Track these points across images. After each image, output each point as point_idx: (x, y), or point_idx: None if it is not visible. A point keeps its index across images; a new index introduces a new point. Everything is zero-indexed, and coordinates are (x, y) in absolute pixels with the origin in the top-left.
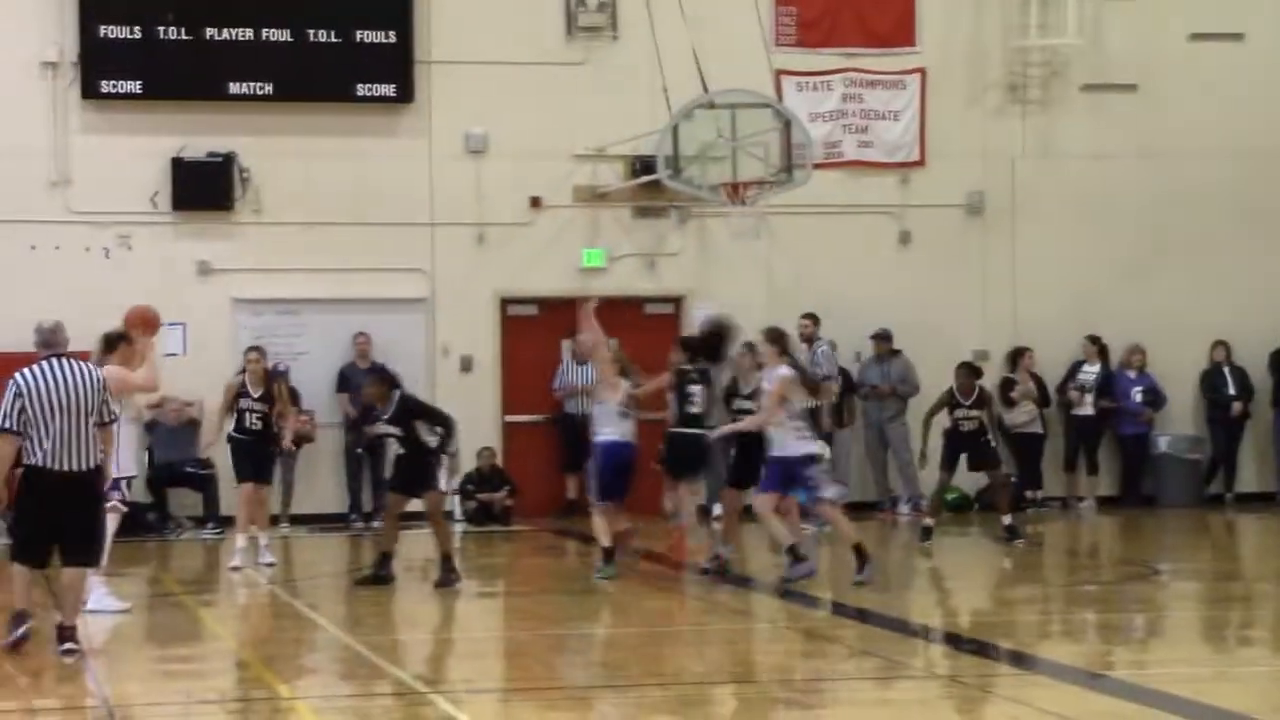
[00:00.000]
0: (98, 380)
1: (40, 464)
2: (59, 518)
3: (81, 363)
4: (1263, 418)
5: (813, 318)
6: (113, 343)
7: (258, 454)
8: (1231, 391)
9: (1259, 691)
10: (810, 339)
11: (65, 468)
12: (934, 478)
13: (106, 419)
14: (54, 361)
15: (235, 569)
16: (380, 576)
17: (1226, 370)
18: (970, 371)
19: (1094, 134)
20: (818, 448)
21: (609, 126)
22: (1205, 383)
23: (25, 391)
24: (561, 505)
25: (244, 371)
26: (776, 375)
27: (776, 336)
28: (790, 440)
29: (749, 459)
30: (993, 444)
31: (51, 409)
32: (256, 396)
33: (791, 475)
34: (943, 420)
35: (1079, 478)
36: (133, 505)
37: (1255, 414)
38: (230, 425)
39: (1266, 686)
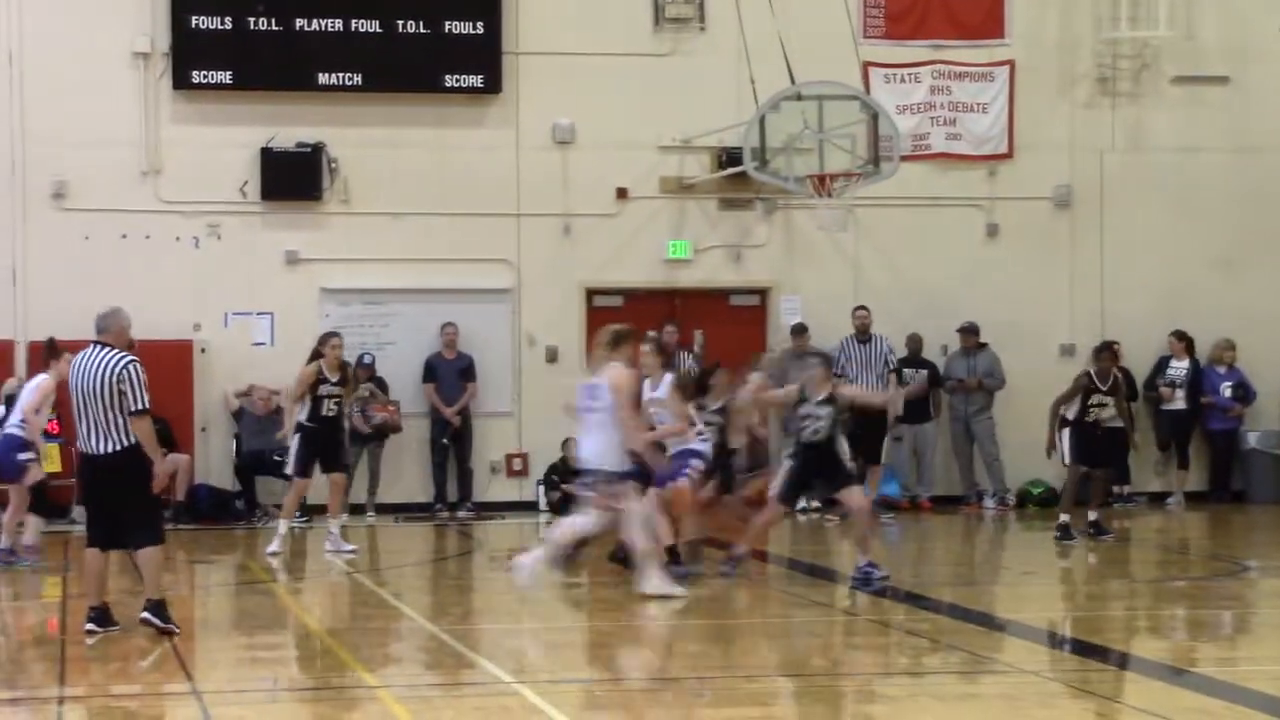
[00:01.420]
0: (114, 369)
1: (79, 448)
2: (100, 500)
3: (108, 350)
4: None
5: (866, 309)
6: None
7: (331, 441)
8: None
9: None
10: (865, 329)
11: (92, 450)
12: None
13: (132, 409)
14: (90, 349)
15: (274, 554)
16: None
17: None
18: (1110, 354)
19: (1184, 127)
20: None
21: (695, 118)
22: None
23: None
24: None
25: (320, 358)
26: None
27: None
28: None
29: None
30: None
31: (80, 395)
32: (334, 382)
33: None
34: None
35: (1169, 473)
36: (220, 493)
37: None
38: (303, 413)
39: None
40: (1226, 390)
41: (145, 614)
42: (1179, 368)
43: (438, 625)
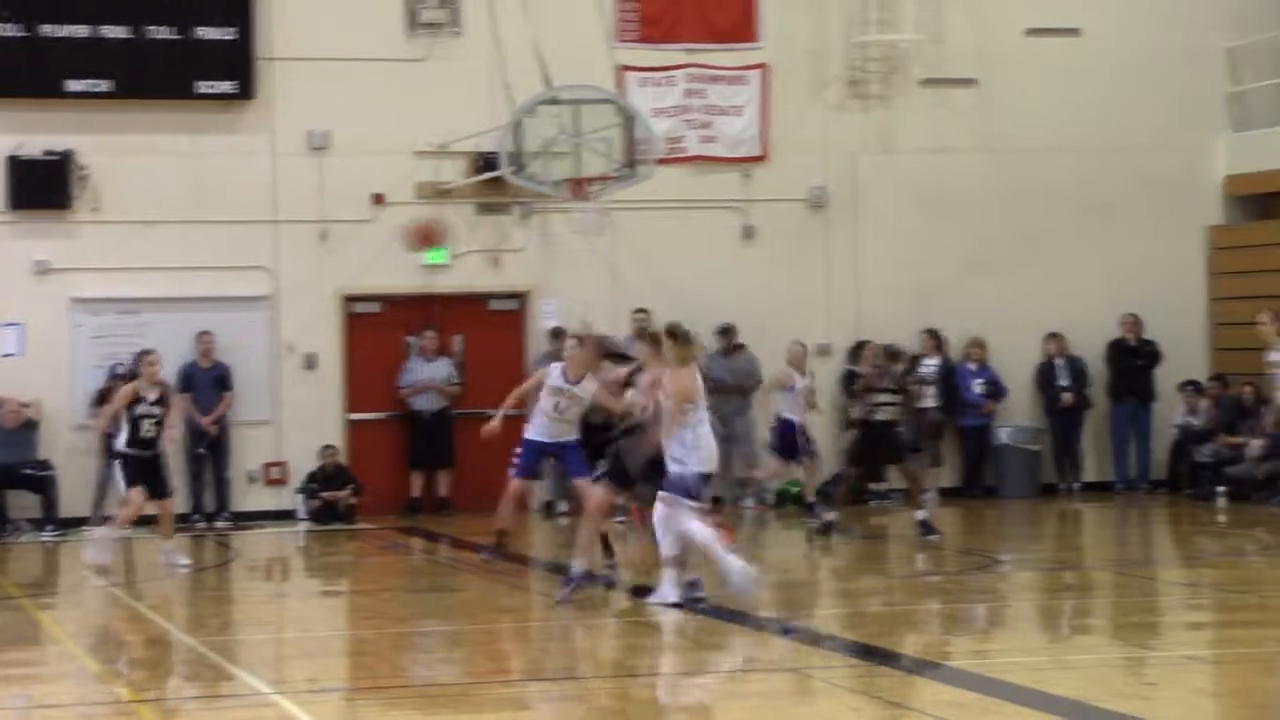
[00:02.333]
0: None
1: None
2: None
3: None
4: (1100, 409)
5: (646, 312)
6: None
7: (155, 466)
8: (1064, 383)
9: (1096, 678)
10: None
11: None
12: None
13: None
14: None
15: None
16: None
17: (1059, 363)
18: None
19: (934, 129)
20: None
21: (452, 123)
22: (1040, 376)
23: None
24: (406, 503)
25: (136, 377)
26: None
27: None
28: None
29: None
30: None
31: None
32: (152, 401)
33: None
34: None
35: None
36: None
37: (1094, 406)
38: (121, 436)
39: (1103, 674)
40: (978, 387)
41: None
42: (930, 365)
43: (196, 637)
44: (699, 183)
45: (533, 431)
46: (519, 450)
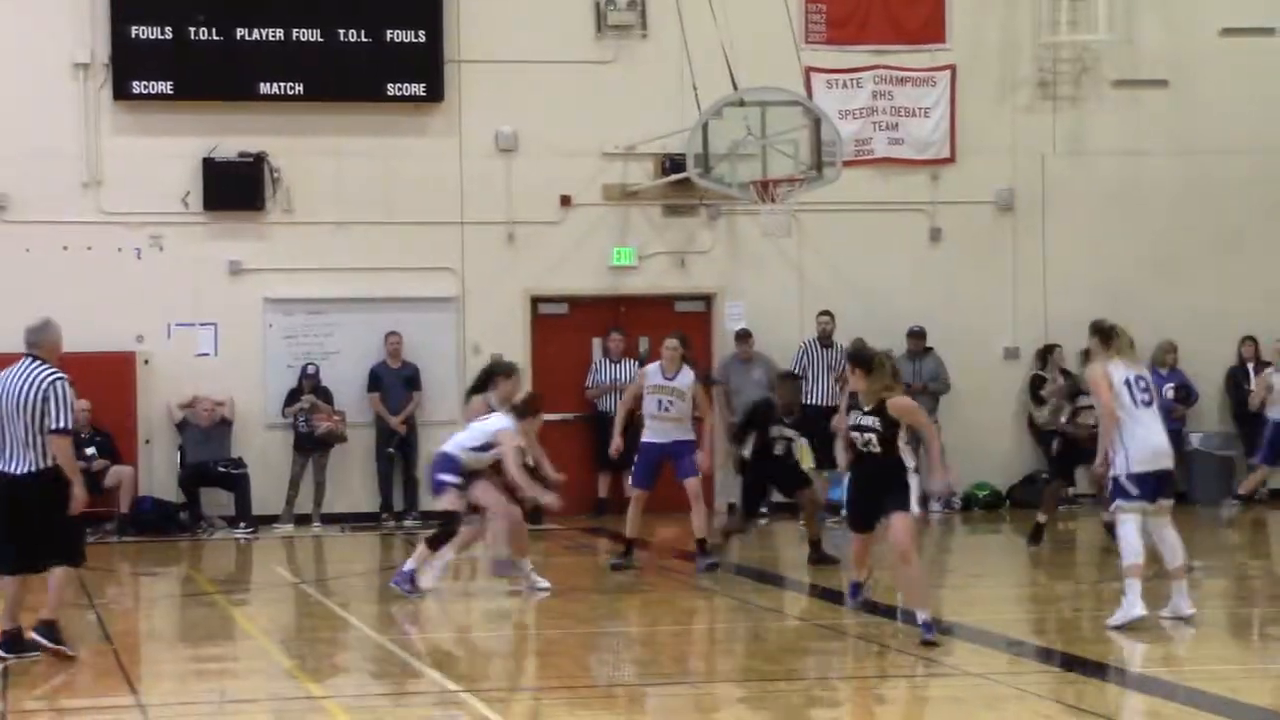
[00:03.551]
0: (37, 386)
1: None
2: (14, 521)
3: (38, 365)
4: None
5: (830, 315)
6: None
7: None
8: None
9: None
10: (828, 335)
11: (9, 470)
12: None
13: (51, 427)
14: (20, 363)
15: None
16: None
17: (1251, 367)
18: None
19: (1125, 130)
20: None
21: (639, 125)
22: (1231, 380)
23: None
24: (594, 504)
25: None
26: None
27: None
28: None
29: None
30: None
31: (4, 410)
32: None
33: None
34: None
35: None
36: (164, 504)
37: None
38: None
39: None
40: (1169, 392)
41: (34, 633)
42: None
43: (385, 635)
44: (886, 185)
45: (647, 435)
46: (636, 458)
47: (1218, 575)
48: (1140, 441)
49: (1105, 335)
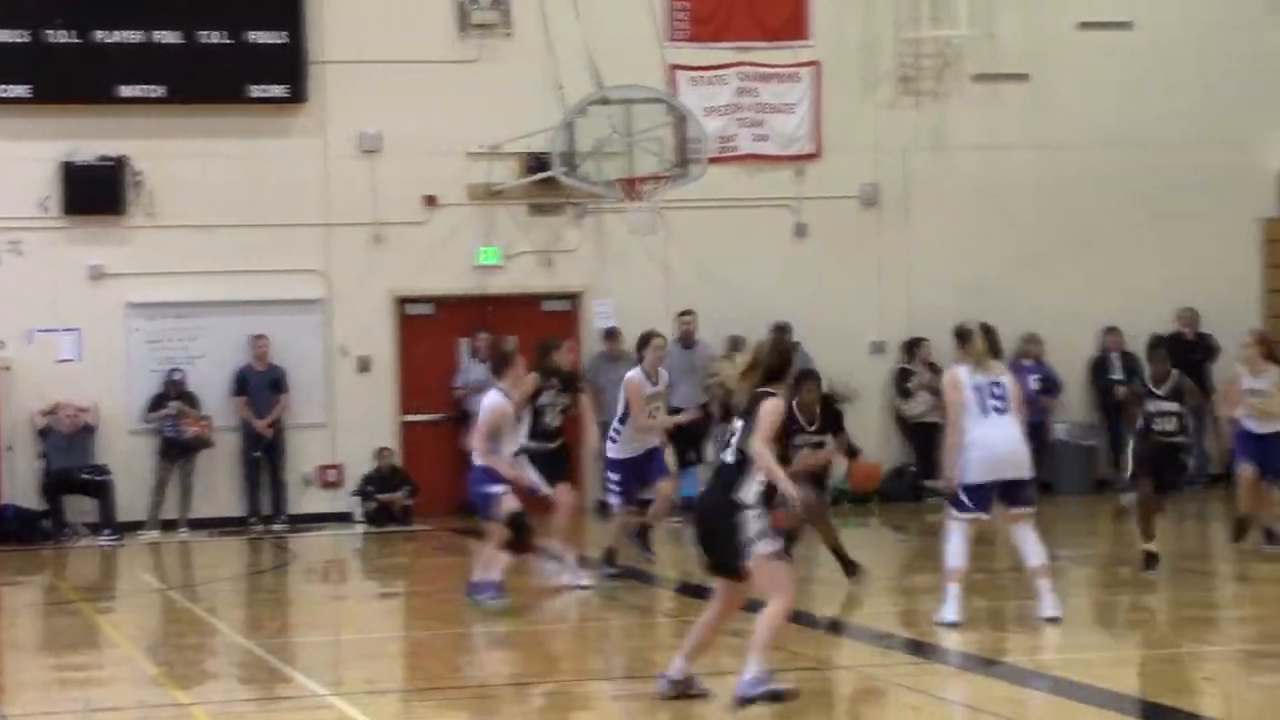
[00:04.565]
0: None
1: None
2: None
3: None
4: None
5: (692, 314)
6: None
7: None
8: (1118, 378)
9: (1152, 674)
10: (690, 335)
11: None
12: None
13: None
14: None
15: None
16: None
17: (1114, 357)
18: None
19: (986, 125)
20: None
21: (504, 124)
22: (1094, 370)
23: None
24: (461, 503)
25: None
26: None
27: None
28: None
29: None
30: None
31: None
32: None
33: None
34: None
35: None
36: (27, 512)
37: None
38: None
39: (1160, 668)
40: (1033, 383)
41: None
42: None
43: (252, 640)
44: (751, 181)
45: (618, 450)
46: (612, 477)
47: (1084, 564)
48: (981, 451)
49: (959, 339)
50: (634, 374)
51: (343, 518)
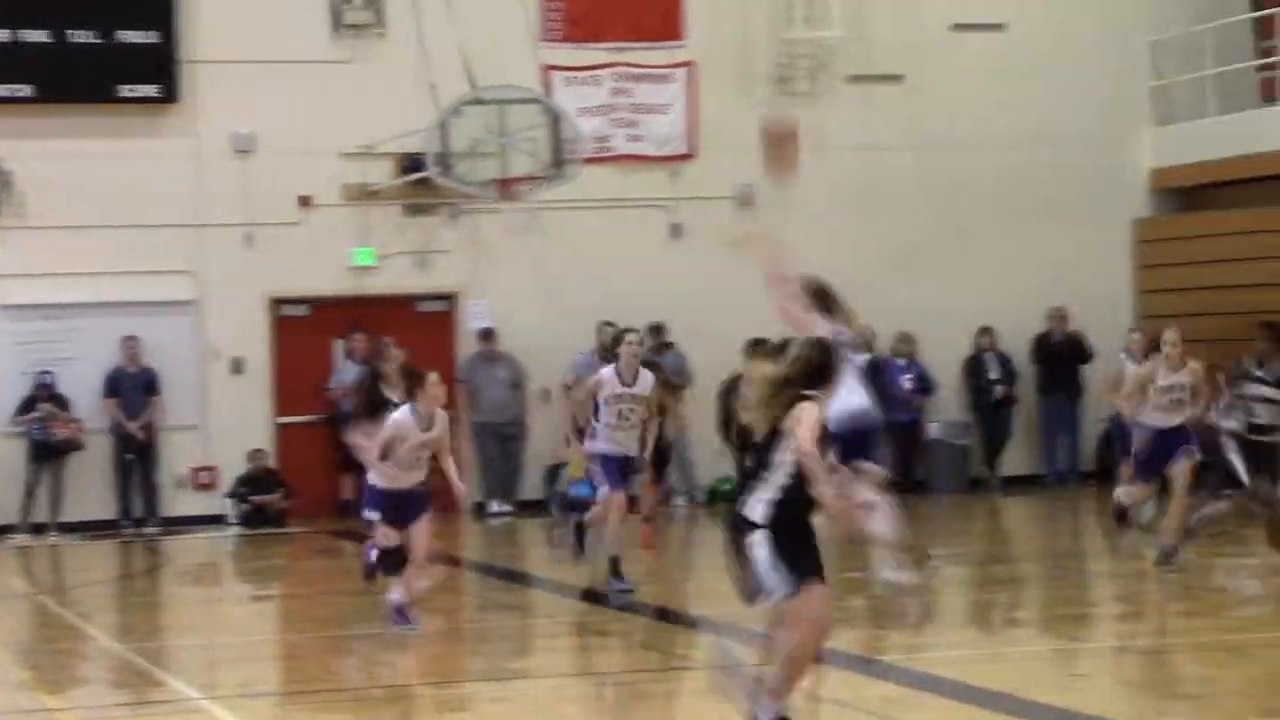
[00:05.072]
0: None
1: None
2: None
3: None
4: (1027, 403)
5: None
6: None
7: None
8: (993, 377)
9: (1025, 671)
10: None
11: None
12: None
13: None
14: None
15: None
16: None
17: (989, 357)
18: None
19: (862, 126)
20: None
21: (378, 124)
22: (968, 369)
23: None
24: (337, 506)
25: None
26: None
27: None
28: None
29: None
30: None
31: None
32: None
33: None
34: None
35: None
36: None
37: (1021, 399)
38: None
39: (1033, 666)
40: (907, 382)
41: None
42: (857, 360)
43: (125, 644)
44: (627, 182)
45: (601, 445)
46: (595, 469)
47: (958, 563)
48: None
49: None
50: (605, 372)
51: (216, 520)
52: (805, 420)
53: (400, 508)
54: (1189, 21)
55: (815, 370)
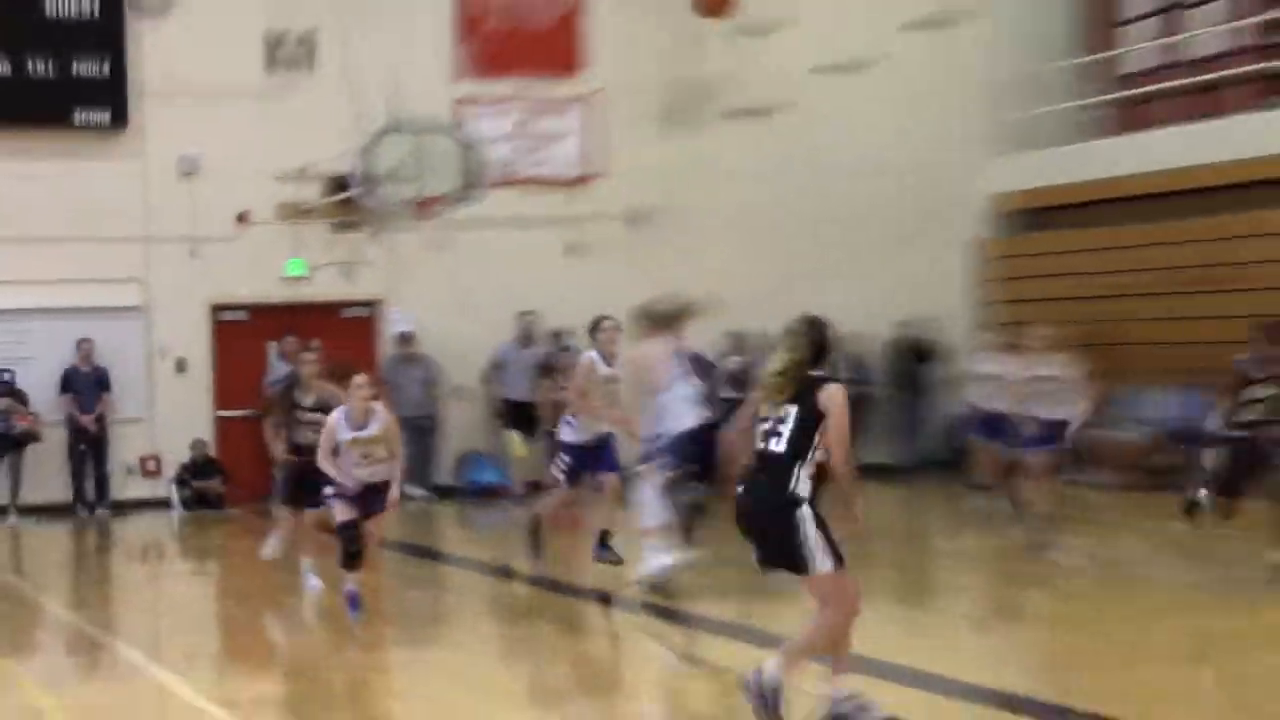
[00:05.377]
0: None
1: None
2: None
3: None
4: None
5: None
6: None
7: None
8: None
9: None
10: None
11: None
12: None
13: None
14: None
15: None
16: None
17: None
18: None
19: (739, 155)
20: None
21: (309, 150)
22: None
23: None
24: (270, 490)
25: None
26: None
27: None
28: None
29: None
30: None
31: None
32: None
33: None
34: None
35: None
36: None
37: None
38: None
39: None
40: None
41: None
42: (735, 360)
43: (77, 615)
44: (529, 203)
45: (573, 434)
46: (564, 459)
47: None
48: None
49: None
50: (588, 356)
51: (162, 504)
52: (839, 401)
53: (355, 502)
54: (1029, 61)
55: (820, 348)
